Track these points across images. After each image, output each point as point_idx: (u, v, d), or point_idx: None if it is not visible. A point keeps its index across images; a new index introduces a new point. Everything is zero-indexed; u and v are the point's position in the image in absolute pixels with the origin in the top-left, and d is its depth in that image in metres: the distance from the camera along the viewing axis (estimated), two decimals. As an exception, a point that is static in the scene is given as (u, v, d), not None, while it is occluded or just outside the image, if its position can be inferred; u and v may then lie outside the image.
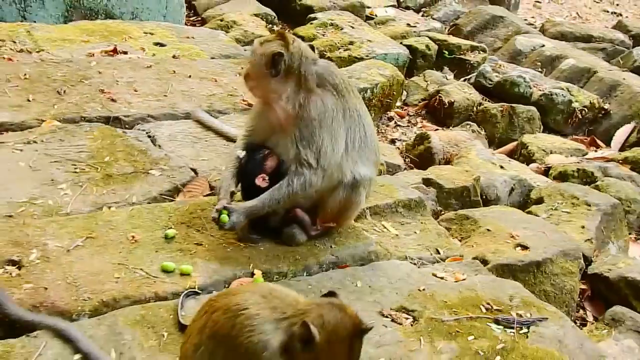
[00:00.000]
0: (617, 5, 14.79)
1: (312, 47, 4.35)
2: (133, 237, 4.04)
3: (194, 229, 4.19)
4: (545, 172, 7.11)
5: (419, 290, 4.00)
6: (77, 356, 3.20)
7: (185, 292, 3.65)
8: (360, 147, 4.22)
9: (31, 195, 4.37)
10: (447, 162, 6.94)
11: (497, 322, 3.79)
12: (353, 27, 9.46)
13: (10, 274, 3.62)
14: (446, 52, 9.57)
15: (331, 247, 4.23)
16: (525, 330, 3.76)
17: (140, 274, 3.76)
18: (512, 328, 3.75)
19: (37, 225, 4.04)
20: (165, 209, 4.36)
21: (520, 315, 3.86)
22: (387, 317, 3.74)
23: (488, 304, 3.93)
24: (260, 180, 4.04)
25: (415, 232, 4.73)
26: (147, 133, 5.36)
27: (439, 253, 4.58)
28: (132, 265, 3.82)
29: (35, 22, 7.47)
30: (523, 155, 7.54)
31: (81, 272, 3.70)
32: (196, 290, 3.70)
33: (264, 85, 4.08)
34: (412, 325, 3.73)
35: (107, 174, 4.71)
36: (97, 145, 5.00)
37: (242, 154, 4.19)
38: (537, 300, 4.09)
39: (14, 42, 6.61)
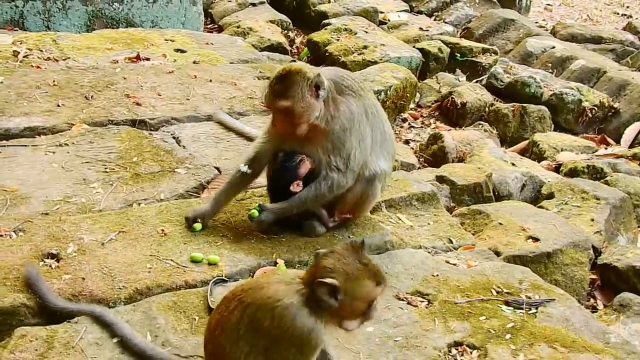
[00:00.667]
0: (628, 7, 14.91)
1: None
2: (162, 230, 4.29)
3: (219, 222, 4.43)
4: (556, 169, 7.31)
5: (433, 275, 4.22)
6: (116, 339, 3.45)
7: (214, 279, 3.89)
8: (382, 143, 4.40)
9: (65, 194, 4.65)
10: (460, 160, 7.13)
11: (507, 303, 4.01)
12: (367, 32, 9.71)
13: (50, 266, 3.87)
14: (458, 55, 9.79)
15: (349, 237, 4.45)
16: (533, 310, 3.97)
17: (171, 264, 4.01)
18: (522, 309, 3.97)
19: (72, 221, 4.30)
20: (192, 204, 4.60)
21: (529, 297, 4.07)
22: (403, 300, 3.97)
23: (499, 287, 4.15)
24: (295, 186, 4.24)
25: (428, 223, 4.96)
26: (171, 134, 5.63)
27: (451, 242, 4.80)
28: (162, 256, 4.07)
29: (59, 31, 7.77)
30: (534, 153, 7.74)
31: (116, 263, 3.95)
32: (223, 277, 3.94)
33: (311, 114, 4.06)
34: (426, 307, 3.95)
35: (135, 173, 4.97)
36: (125, 147, 5.28)
37: (244, 168, 4.34)
38: (545, 284, 4.30)
39: (41, 50, 6.92)
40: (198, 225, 4.32)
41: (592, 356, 3.67)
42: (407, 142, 7.91)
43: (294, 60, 8.94)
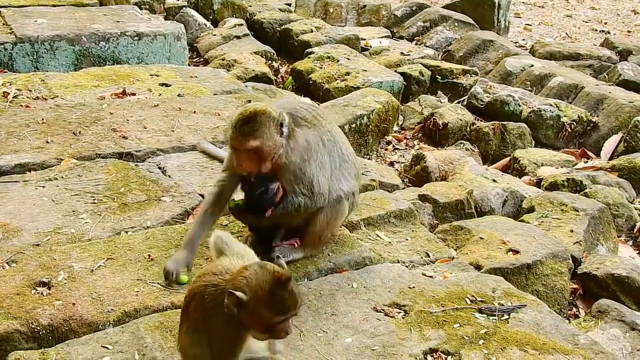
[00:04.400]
0: (606, 23, 15.20)
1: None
2: (149, 256, 4.50)
3: (203, 246, 4.60)
4: (537, 184, 7.50)
5: (410, 287, 4.43)
6: (107, 358, 3.64)
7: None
8: (341, 165, 4.57)
9: (55, 226, 4.86)
10: (443, 179, 7.33)
11: (480, 311, 4.21)
12: (349, 59, 9.98)
13: (42, 293, 4.08)
14: (439, 77, 10.05)
15: (329, 255, 4.66)
16: (506, 316, 4.17)
17: (157, 287, 4.22)
18: (494, 316, 4.17)
19: (62, 251, 4.50)
20: (177, 230, 4.82)
21: (502, 304, 4.28)
22: (380, 312, 4.17)
23: (472, 296, 4.36)
24: (269, 212, 4.36)
25: (406, 239, 5.16)
26: (157, 165, 5.85)
27: (428, 256, 5.00)
28: (149, 280, 4.28)
29: (47, 71, 8.03)
30: (516, 169, 7.94)
31: (104, 289, 4.16)
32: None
33: (277, 151, 4.22)
34: (403, 318, 4.15)
35: (123, 203, 5.19)
36: (112, 178, 5.49)
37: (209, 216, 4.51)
38: (517, 291, 4.50)
39: (30, 90, 7.15)
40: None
41: (561, 357, 3.87)
42: (391, 164, 8.11)
43: (279, 87, 9.17)
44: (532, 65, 10.50)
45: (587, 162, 8.28)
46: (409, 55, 10.85)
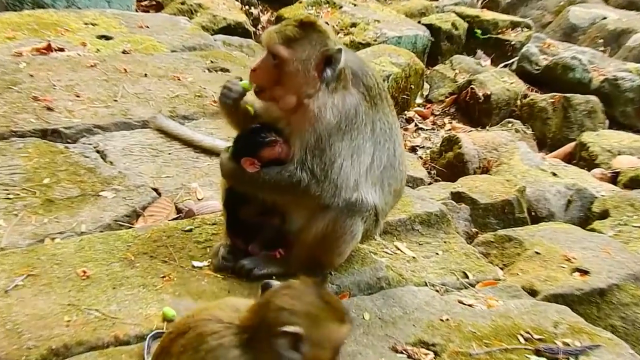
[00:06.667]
0: None
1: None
2: (84, 272, 4.44)
3: (158, 259, 4.60)
4: (613, 179, 7.53)
5: (441, 320, 4.41)
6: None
7: (152, 333, 4.04)
8: (385, 168, 4.52)
9: (-47, 230, 4.84)
10: (485, 171, 7.35)
11: (538, 352, 4.20)
12: (355, 5, 9.98)
13: None
14: (479, 32, 10.05)
15: (330, 274, 4.63)
16: (573, 361, 4.18)
17: (96, 315, 4.17)
18: (557, 359, 4.16)
19: (-36, 265, 4.48)
20: (122, 237, 4.78)
21: (567, 344, 4.27)
22: (402, 353, 4.14)
23: (527, 332, 4.35)
24: (247, 164, 4.32)
25: (436, 254, 5.17)
26: (94, 147, 5.83)
27: (467, 277, 5.02)
28: (84, 305, 4.22)
29: (-58, 16, 7.99)
30: (583, 158, 7.96)
31: (23, 316, 4.10)
32: (164, 330, 4.09)
33: (302, 86, 4.24)
34: (433, 361, 4.16)
35: (47, 199, 5.15)
36: (33, 165, 5.45)
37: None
38: (588, 326, 4.50)
39: None
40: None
41: (649, 418, 3.87)
42: (413, 149, 8.13)
43: (259, 43, 9.15)
44: (605, 18, 10.51)
45: (681, 150, 8.30)
46: (437, 0, 10.84)
